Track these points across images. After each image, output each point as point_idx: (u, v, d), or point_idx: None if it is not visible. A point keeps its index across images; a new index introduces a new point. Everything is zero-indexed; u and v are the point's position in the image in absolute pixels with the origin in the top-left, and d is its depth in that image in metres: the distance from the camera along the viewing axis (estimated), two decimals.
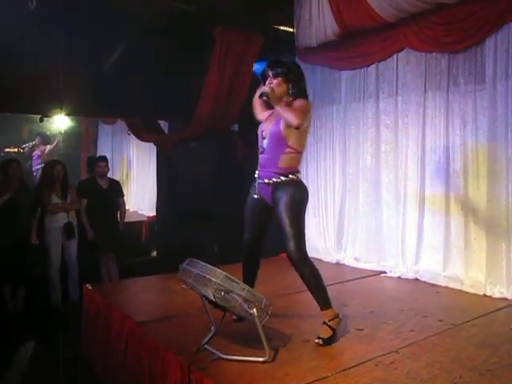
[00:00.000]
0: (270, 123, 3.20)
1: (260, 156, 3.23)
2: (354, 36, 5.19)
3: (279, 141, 3.11)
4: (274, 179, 3.11)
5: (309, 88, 5.80)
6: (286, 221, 3.02)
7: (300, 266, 3.02)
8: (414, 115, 4.85)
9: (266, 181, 3.14)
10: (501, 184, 4.13)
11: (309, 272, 3.05)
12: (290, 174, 3.12)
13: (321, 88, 5.82)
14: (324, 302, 3.07)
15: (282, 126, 3.08)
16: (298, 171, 3.19)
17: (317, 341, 2.99)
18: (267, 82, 3.19)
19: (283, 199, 3.06)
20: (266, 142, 3.17)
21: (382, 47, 5.01)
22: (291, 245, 3.00)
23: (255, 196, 3.22)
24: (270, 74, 3.19)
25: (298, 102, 3.12)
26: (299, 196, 3.13)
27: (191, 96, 5.98)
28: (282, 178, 3.10)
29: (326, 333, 3.02)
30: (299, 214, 3.11)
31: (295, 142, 3.12)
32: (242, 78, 6.12)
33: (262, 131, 3.24)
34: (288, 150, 3.11)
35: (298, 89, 3.19)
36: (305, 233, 3.13)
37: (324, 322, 3.05)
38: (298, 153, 3.17)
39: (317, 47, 5.63)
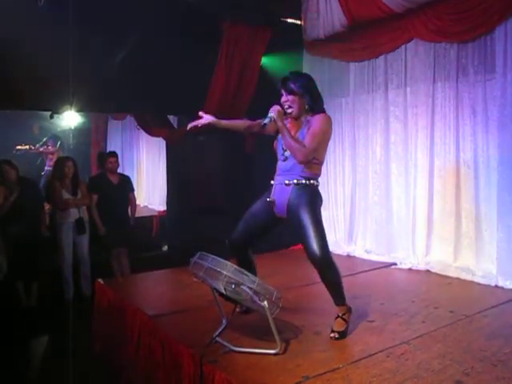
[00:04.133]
0: None
1: (282, 163, 3.17)
2: (361, 27, 5.17)
3: None
4: (296, 181, 3.07)
5: (317, 80, 5.82)
6: (308, 222, 2.95)
7: (324, 266, 2.94)
8: (424, 106, 4.83)
9: (287, 182, 3.09)
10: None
11: (333, 273, 2.99)
12: (312, 179, 3.10)
13: (329, 80, 5.79)
14: (341, 298, 3.05)
15: (304, 140, 3.02)
16: (318, 181, 3.16)
17: (332, 335, 2.98)
18: (282, 99, 3.13)
19: (304, 202, 3.02)
20: (287, 152, 3.11)
21: (391, 38, 4.98)
22: (316, 246, 2.89)
23: (268, 199, 3.17)
24: (284, 91, 3.13)
25: (317, 123, 3.04)
26: (317, 202, 3.11)
27: (200, 90, 5.99)
28: (303, 181, 3.06)
29: (341, 326, 3.02)
30: (320, 217, 3.06)
31: (318, 153, 3.09)
32: (249, 71, 6.11)
33: (282, 144, 3.15)
34: (312, 160, 3.07)
35: (314, 102, 3.13)
36: (325, 233, 3.07)
37: (338, 316, 3.04)
38: (320, 163, 3.16)
39: (325, 39, 5.61)
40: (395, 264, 4.96)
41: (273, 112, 3.02)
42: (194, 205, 6.82)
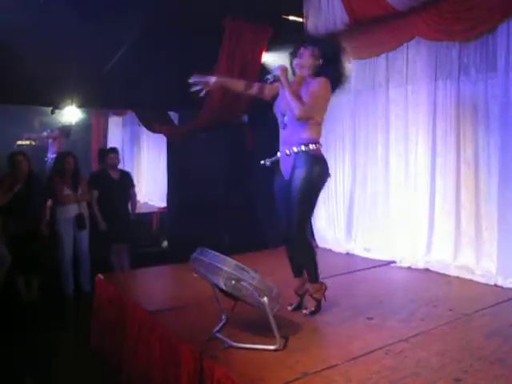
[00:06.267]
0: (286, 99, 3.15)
1: (282, 132, 3.22)
2: (363, 25, 5.15)
3: None
4: (294, 148, 3.10)
5: None
6: (295, 199, 3.07)
7: (296, 244, 3.16)
8: (425, 104, 4.82)
9: (287, 152, 3.13)
10: None
11: (306, 253, 3.21)
12: (311, 143, 3.12)
13: None
14: (314, 276, 3.26)
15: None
16: (319, 143, 3.20)
17: (304, 311, 3.24)
18: (294, 60, 3.19)
19: (300, 174, 3.08)
20: (286, 118, 3.16)
21: (392, 36, 4.97)
22: (293, 224, 3.09)
23: (281, 173, 3.21)
24: (302, 47, 3.17)
25: (316, 86, 3.09)
26: (317, 173, 3.14)
27: None
28: (303, 148, 3.09)
29: (312, 304, 3.28)
30: (312, 193, 3.15)
31: (316, 114, 3.13)
32: (251, 68, 6.10)
33: (281, 109, 3.21)
34: (309, 121, 3.11)
35: (324, 68, 3.16)
36: (311, 213, 3.22)
37: (310, 295, 3.28)
38: (319, 124, 3.20)
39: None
40: (395, 262, 4.96)
41: (277, 69, 3.07)
42: (195, 201, 6.83)
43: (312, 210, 3.21)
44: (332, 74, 3.17)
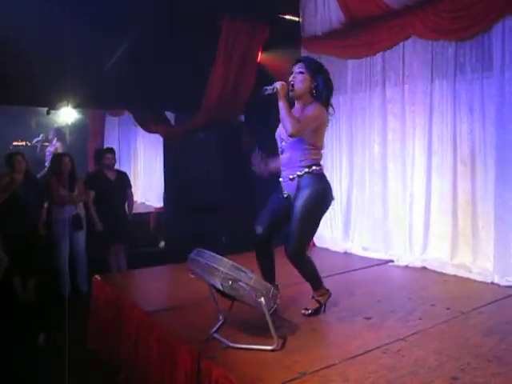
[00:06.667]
0: None
1: (281, 157, 3.26)
2: (359, 24, 5.15)
3: (297, 140, 3.13)
4: (298, 172, 3.14)
5: None
6: (296, 217, 3.07)
7: (295, 263, 3.15)
8: (421, 104, 4.83)
9: (291, 176, 3.17)
10: (509, 172, 4.10)
11: (304, 268, 3.22)
12: (314, 165, 3.15)
13: None
14: (316, 285, 3.31)
15: None
16: (320, 164, 3.22)
17: (303, 311, 3.25)
18: (289, 78, 3.19)
19: (304, 194, 3.10)
20: (284, 143, 3.21)
21: (388, 35, 4.97)
22: (291, 243, 3.08)
23: (285, 195, 3.23)
24: (297, 68, 3.18)
25: (310, 109, 3.10)
26: (321, 192, 3.17)
27: (197, 87, 5.98)
28: (306, 170, 3.13)
29: (313, 305, 3.28)
30: (316, 212, 3.17)
31: (313, 139, 3.15)
32: (247, 68, 6.11)
33: (280, 134, 3.26)
34: (307, 146, 3.14)
35: (320, 91, 3.18)
36: (312, 233, 3.26)
37: (313, 297, 3.31)
38: (318, 149, 3.21)
39: (322, 36, 5.60)
40: (392, 261, 4.96)
41: (278, 83, 3.06)
42: (191, 202, 6.82)
43: (315, 229, 3.22)
44: (324, 98, 3.19)
